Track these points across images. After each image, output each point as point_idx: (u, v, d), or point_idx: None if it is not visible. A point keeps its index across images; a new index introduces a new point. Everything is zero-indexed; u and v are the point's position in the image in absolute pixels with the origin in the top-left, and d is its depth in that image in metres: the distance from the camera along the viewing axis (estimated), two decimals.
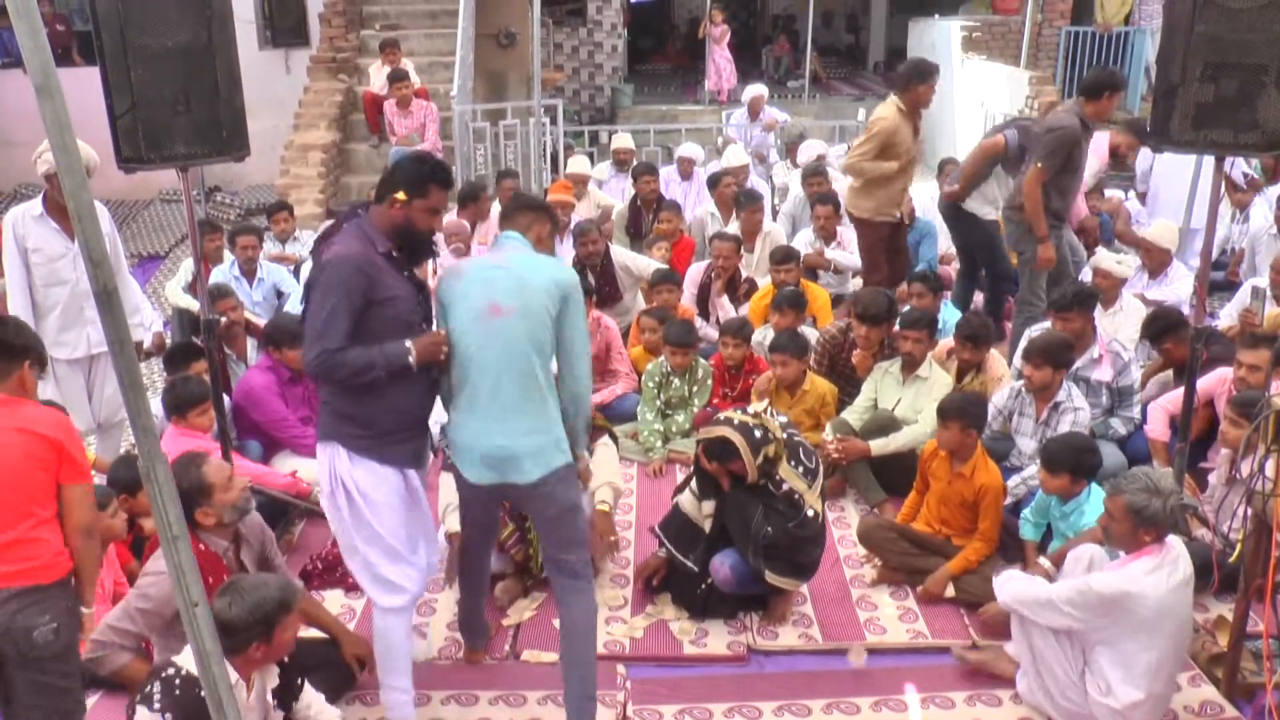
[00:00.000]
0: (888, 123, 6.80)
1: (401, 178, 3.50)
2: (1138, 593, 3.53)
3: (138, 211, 12.36)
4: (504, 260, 3.64)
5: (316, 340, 3.36)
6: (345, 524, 3.59)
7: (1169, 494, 3.56)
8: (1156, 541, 3.61)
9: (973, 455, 4.66)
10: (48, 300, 5.30)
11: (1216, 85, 3.86)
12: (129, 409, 1.77)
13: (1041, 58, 14.30)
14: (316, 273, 3.44)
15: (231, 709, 2.00)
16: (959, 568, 4.56)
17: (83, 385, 5.47)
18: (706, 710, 3.98)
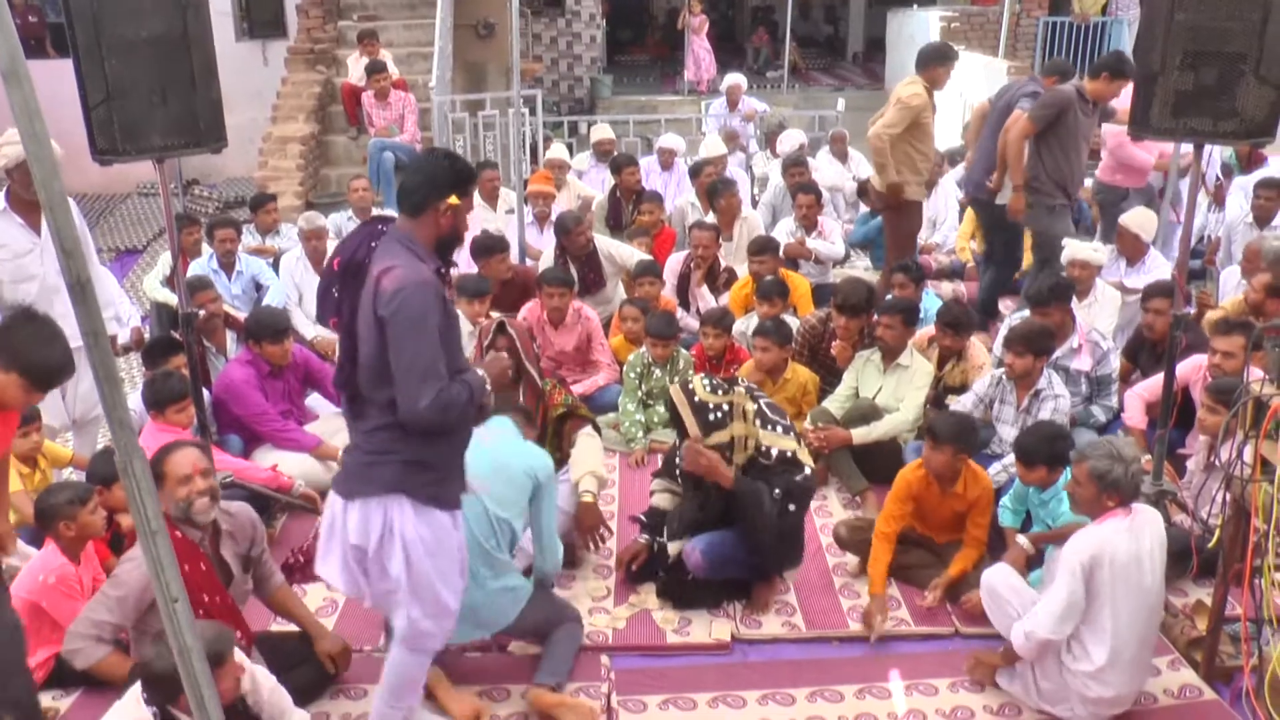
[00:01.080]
0: (920, 99, 6.96)
1: (447, 181, 3.16)
2: (1111, 551, 3.57)
3: (115, 205, 12.27)
4: (487, 442, 3.73)
5: (427, 379, 2.99)
6: (390, 578, 3.25)
7: (1130, 460, 3.66)
8: (1121, 506, 3.67)
9: (962, 473, 4.53)
10: (16, 296, 5.11)
11: (1196, 74, 3.88)
12: (105, 403, 1.75)
13: (1020, 48, 14.34)
14: (390, 304, 2.98)
15: (213, 705, 1.98)
16: (957, 574, 4.49)
17: None
18: (690, 700, 3.98)
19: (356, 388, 3.19)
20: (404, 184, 3.22)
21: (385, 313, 2.99)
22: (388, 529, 3.18)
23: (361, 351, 3.12)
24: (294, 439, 5.49)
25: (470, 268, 7.29)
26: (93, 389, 5.42)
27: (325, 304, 3.26)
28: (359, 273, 3.12)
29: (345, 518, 3.24)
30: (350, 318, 3.17)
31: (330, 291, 3.22)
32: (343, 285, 3.17)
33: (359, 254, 3.14)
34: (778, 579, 4.61)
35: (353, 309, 3.15)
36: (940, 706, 3.94)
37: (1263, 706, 3.61)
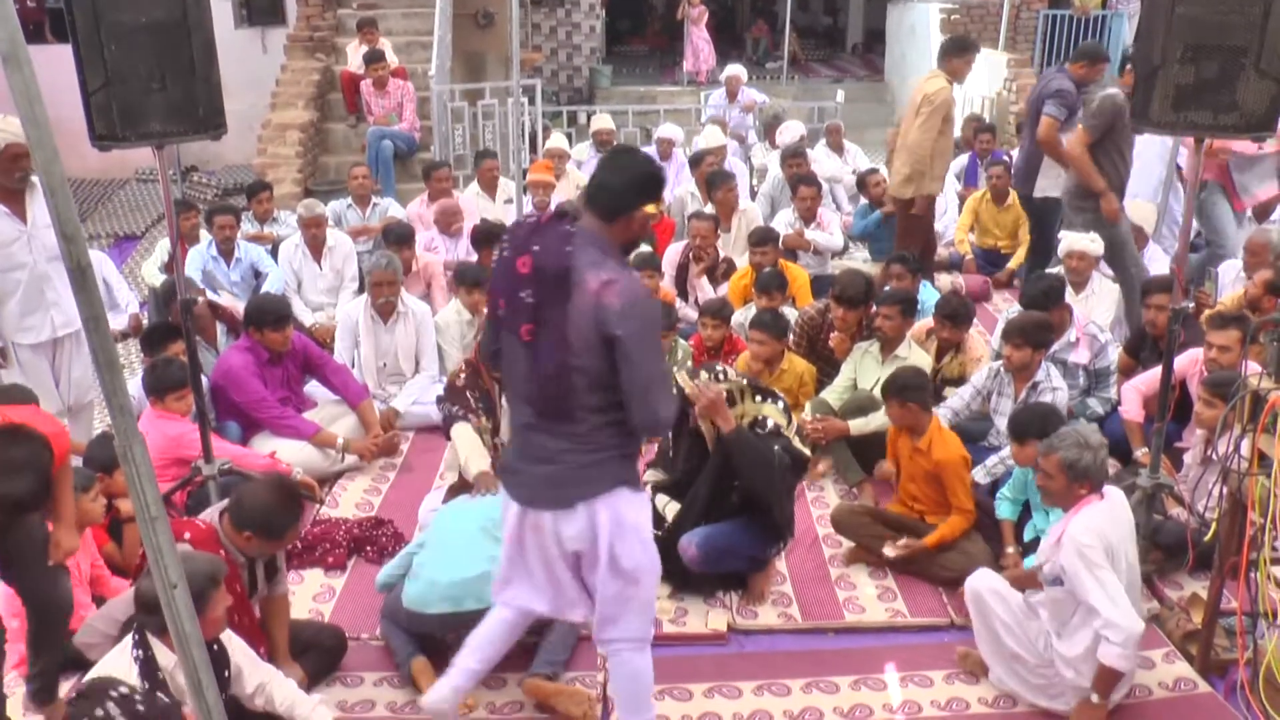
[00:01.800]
0: (947, 93, 6.99)
1: (652, 188, 3.13)
2: (1104, 535, 3.58)
3: (113, 191, 12.23)
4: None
5: (666, 390, 3.12)
6: (624, 572, 3.19)
7: (1098, 447, 3.68)
8: (1093, 492, 3.69)
9: (928, 430, 4.71)
10: (6, 285, 5.06)
11: (1196, 67, 3.85)
12: (104, 388, 1.75)
13: (1020, 41, 14.33)
14: (625, 322, 2.92)
15: (212, 692, 1.99)
16: (934, 542, 4.58)
17: (48, 369, 5.29)
18: (686, 690, 3.99)
19: (558, 396, 3.06)
20: (603, 185, 3.07)
21: (621, 331, 2.92)
22: (616, 524, 3.14)
23: (573, 362, 2.98)
24: (293, 426, 5.49)
25: (470, 256, 7.31)
26: (86, 375, 5.41)
27: (518, 311, 3.01)
28: (562, 280, 2.94)
29: (557, 528, 3.16)
30: (553, 327, 2.98)
31: (520, 297, 3.00)
32: (540, 292, 2.97)
33: (557, 260, 2.94)
34: (774, 569, 4.62)
35: (558, 319, 2.97)
36: (935, 698, 3.95)
37: (1257, 699, 3.64)
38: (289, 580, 4.60)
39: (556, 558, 3.23)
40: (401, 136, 10.27)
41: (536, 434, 3.14)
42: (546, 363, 3.01)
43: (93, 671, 3.08)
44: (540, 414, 3.11)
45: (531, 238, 3.02)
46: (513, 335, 3.07)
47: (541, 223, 3.05)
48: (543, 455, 3.13)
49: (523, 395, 3.15)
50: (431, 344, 6.31)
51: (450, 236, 7.90)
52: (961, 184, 9.84)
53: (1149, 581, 4.55)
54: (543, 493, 3.15)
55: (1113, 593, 3.51)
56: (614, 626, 3.30)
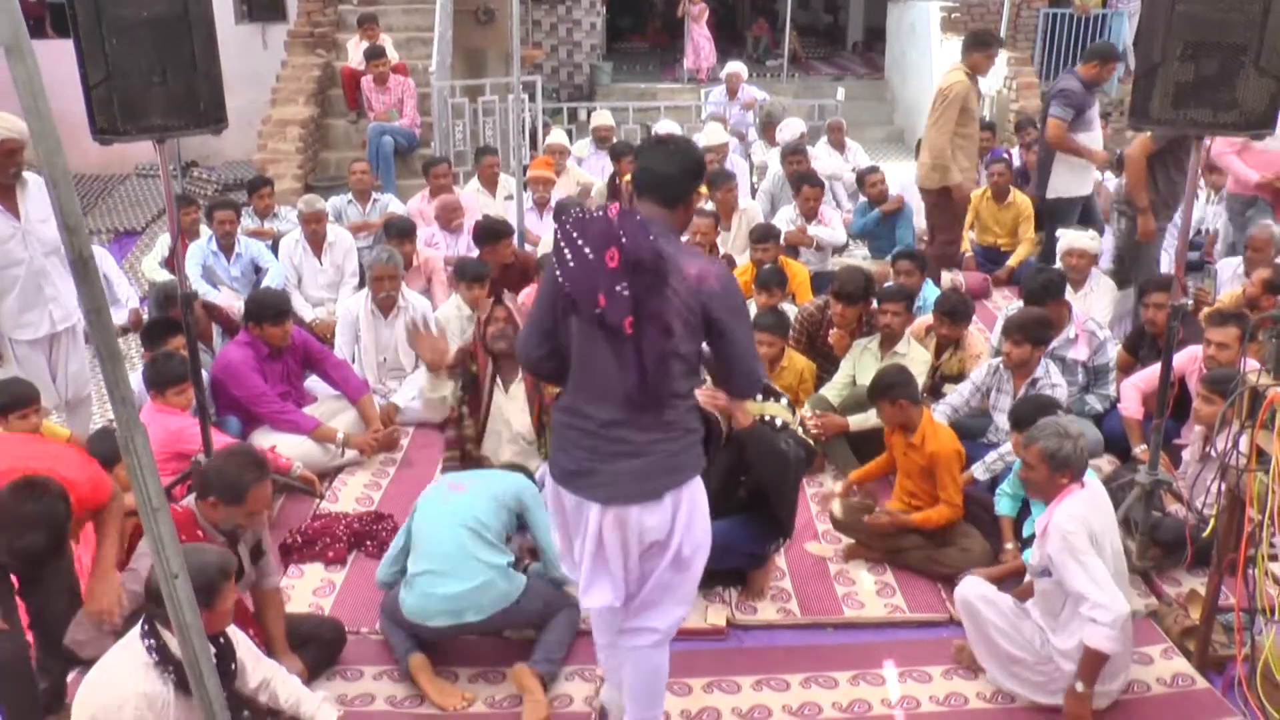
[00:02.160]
0: (962, 86, 7.01)
1: (702, 170, 3.21)
2: (1087, 523, 3.60)
3: (113, 186, 12.24)
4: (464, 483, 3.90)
5: (758, 357, 3.28)
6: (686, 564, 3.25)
7: (1077, 436, 3.71)
8: (1074, 481, 3.71)
9: (920, 425, 4.72)
10: (3, 282, 5.06)
11: (1196, 65, 3.87)
12: (106, 380, 1.75)
13: (1020, 39, 14.33)
14: (728, 301, 3.05)
15: (213, 681, 2.00)
16: (920, 521, 4.64)
17: (45, 365, 5.30)
18: (686, 684, 4.00)
19: (657, 385, 3.05)
20: (661, 173, 3.11)
21: (724, 313, 3.03)
22: (691, 511, 3.18)
23: (674, 349, 3.02)
24: (292, 421, 5.49)
25: (471, 252, 7.31)
26: (83, 369, 5.42)
27: (617, 305, 2.93)
28: (658, 270, 2.94)
29: (641, 521, 3.12)
30: (653, 316, 2.97)
31: (616, 291, 2.94)
32: (636, 283, 2.93)
33: (651, 249, 2.93)
34: (773, 565, 4.63)
35: (658, 307, 2.97)
36: (934, 693, 3.95)
37: (1254, 696, 3.64)
38: (289, 574, 4.66)
39: (634, 551, 3.20)
40: (402, 132, 10.27)
41: (619, 429, 3.09)
42: (649, 353, 2.99)
43: (100, 669, 3.05)
44: (632, 407, 3.07)
45: (609, 231, 2.97)
46: (604, 331, 2.99)
47: (607, 216, 3.00)
48: (627, 450, 3.09)
49: (611, 392, 3.07)
50: None
51: (451, 232, 7.91)
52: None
53: (1147, 578, 4.57)
54: (629, 488, 3.10)
55: (1098, 576, 3.52)
56: (653, 613, 3.30)
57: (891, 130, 15.01)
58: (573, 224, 3.06)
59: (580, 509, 3.18)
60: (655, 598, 3.27)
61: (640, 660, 3.36)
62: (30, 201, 5.03)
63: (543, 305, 3.17)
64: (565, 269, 3.01)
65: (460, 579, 3.87)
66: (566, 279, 3.00)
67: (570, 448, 3.17)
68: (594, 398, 3.12)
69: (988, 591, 3.94)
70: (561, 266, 3.02)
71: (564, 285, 3.01)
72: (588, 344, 3.08)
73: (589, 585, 3.24)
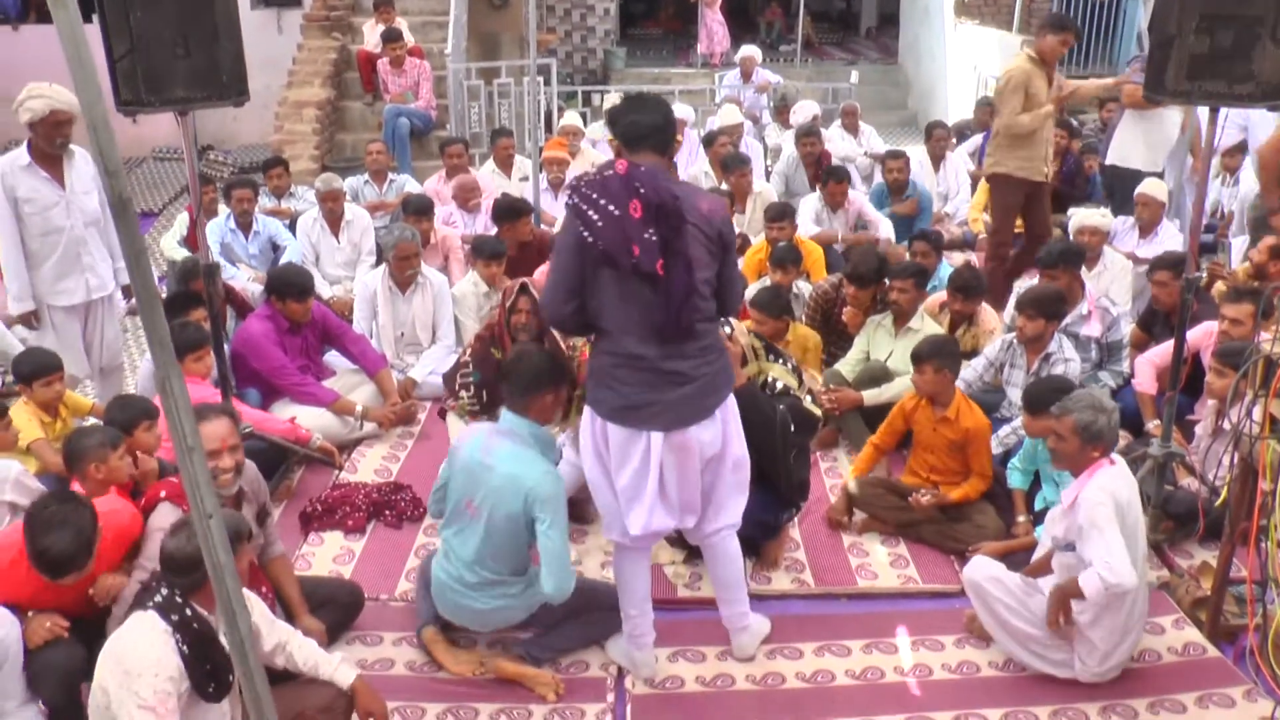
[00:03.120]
0: (1019, 72, 6.67)
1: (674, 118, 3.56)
2: (1115, 496, 3.63)
3: (131, 169, 12.26)
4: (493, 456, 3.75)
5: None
6: (735, 459, 3.71)
7: (1111, 410, 3.75)
8: (1105, 456, 3.74)
9: (954, 399, 4.75)
10: (43, 249, 5.26)
11: (1212, 37, 3.87)
12: (145, 324, 1.80)
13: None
14: (729, 227, 3.45)
15: (245, 622, 2.04)
16: (959, 497, 4.68)
17: (79, 332, 5.48)
18: (700, 652, 4.05)
19: (688, 316, 3.34)
20: (651, 123, 3.38)
21: (730, 236, 3.44)
22: (734, 419, 3.63)
23: (700, 278, 3.34)
24: (311, 393, 5.55)
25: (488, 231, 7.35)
26: (116, 338, 5.55)
27: (648, 251, 3.22)
28: (678, 211, 3.25)
29: (700, 438, 3.49)
30: (679, 254, 3.27)
31: (646, 239, 3.22)
32: (662, 227, 3.24)
33: (669, 194, 3.25)
34: (787, 535, 4.67)
35: (682, 245, 3.27)
36: (946, 661, 4.00)
37: (1266, 664, 3.66)
38: (309, 542, 4.73)
39: (695, 469, 3.56)
40: (418, 114, 10.31)
41: (666, 363, 3.38)
42: (678, 288, 3.28)
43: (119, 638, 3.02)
44: (669, 341, 3.36)
45: (626, 185, 3.24)
46: (638, 276, 3.25)
47: (620, 173, 3.27)
48: (676, 379, 3.40)
49: (647, 332, 3.35)
50: (448, 314, 6.37)
51: (468, 211, 7.96)
52: (976, 164, 9.83)
53: (1159, 550, 4.60)
54: (686, 411, 3.44)
55: (1115, 548, 3.55)
56: (723, 513, 3.74)
57: (905, 114, 14.99)
58: (588, 187, 3.30)
59: (631, 442, 3.46)
60: (724, 498, 3.72)
61: (727, 551, 3.83)
62: (75, 173, 5.25)
63: (567, 264, 3.38)
64: (595, 229, 3.23)
65: (483, 601, 3.85)
66: (599, 238, 3.23)
67: (620, 385, 3.42)
68: (639, 338, 3.37)
69: (995, 571, 3.98)
70: (590, 228, 3.24)
71: (597, 244, 3.22)
72: (621, 291, 3.33)
73: (637, 512, 3.54)
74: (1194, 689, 3.80)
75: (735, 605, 3.97)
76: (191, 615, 3.02)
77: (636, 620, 3.85)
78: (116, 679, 2.92)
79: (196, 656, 2.99)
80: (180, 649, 2.96)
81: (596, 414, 3.51)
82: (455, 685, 3.88)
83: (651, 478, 3.48)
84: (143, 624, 3.00)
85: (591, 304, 3.40)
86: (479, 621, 3.94)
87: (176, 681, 2.93)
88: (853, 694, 3.86)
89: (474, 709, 3.77)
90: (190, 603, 3.05)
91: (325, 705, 3.38)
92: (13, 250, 5.24)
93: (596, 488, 3.67)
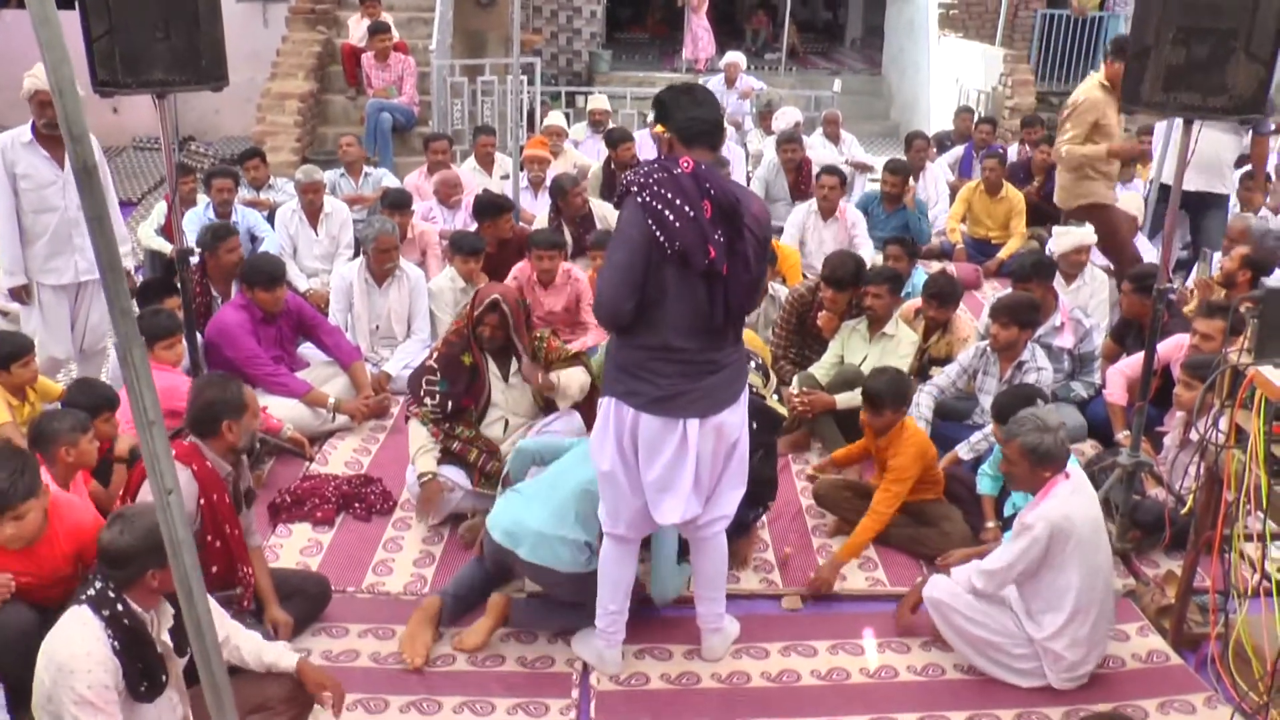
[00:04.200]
0: (1089, 101, 6.49)
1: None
2: (1074, 520, 3.65)
3: (111, 158, 12.15)
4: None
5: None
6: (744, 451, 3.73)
7: (1057, 428, 3.74)
8: (1057, 473, 3.75)
9: (889, 433, 4.65)
10: (36, 226, 5.32)
11: (1188, 48, 3.91)
12: (107, 292, 1.78)
13: (1017, 39, 14.41)
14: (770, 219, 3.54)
15: (202, 600, 2.03)
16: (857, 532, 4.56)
17: (67, 313, 5.53)
18: (666, 650, 4.04)
19: (740, 313, 3.44)
20: (711, 120, 3.40)
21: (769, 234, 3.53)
22: (746, 406, 3.64)
23: (754, 275, 3.40)
24: (284, 384, 5.52)
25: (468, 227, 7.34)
26: (104, 320, 5.56)
27: (721, 251, 3.26)
28: (738, 212, 3.29)
29: (729, 422, 3.52)
30: (739, 254, 3.31)
31: (718, 240, 3.26)
32: (728, 229, 3.29)
33: (732, 195, 3.29)
34: (756, 535, 4.67)
35: (741, 245, 3.31)
36: (912, 663, 4.01)
37: (1227, 672, 3.69)
38: (277, 534, 4.70)
39: (722, 453, 3.58)
40: (400, 110, 10.29)
41: (707, 354, 3.42)
42: (737, 287, 3.34)
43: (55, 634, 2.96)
44: (715, 334, 3.41)
45: (697, 185, 3.24)
46: (703, 275, 3.28)
47: (688, 172, 3.25)
48: (710, 368, 3.44)
49: (693, 327, 3.37)
50: (424, 308, 6.35)
51: (449, 208, 7.94)
52: (955, 174, 9.90)
53: (1126, 558, 4.63)
54: (719, 397, 3.47)
55: (996, 562, 3.74)
56: (720, 504, 3.70)
57: (887, 125, 15.06)
58: (660, 185, 3.26)
59: (666, 431, 3.45)
60: (726, 488, 3.69)
61: (718, 547, 3.82)
62: None
63: (633, 261, 3.30)
64: (671, 230, 3.22)
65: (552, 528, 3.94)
66: (677, 238, 3.22)
67: (656, 378, 3.41)
68: (685, 334, 3.38)
69: (950, 585, 3.98)
70: (664, 228, 3.22)
71: (674, 243, 3.23)
72: (679, 289, 3.32)
73: (671, 502, 3.53)
74: (1156, 695, 3.82)
75: (714, 605, 3.94)
76: (123, 611, 2.96)
77: (614, 616, 3.82)
78: (50, 675, 2.88)
79: (128, 654, 2.94)
80: (112, 644, 2.92)
81: (629, 406, 3.45)
82: (419, 678, 3.86)
83: (689, 466, 3.47)
84: (75, 619, 2.95)
85: (644, 300, 3.34)
86: (531, 544, 3.94)
87: (113, 675, 2.89)
88: (818, 694, 3.85)
89: (437, 702, 3.74)
90: (124, 597, 2.99)
91: (288, 696, 3.35)
92: (6, 224, 5.29)
93: (611, 480, 3.60)
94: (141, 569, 2.95)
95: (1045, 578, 3.72)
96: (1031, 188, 8.99)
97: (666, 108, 3.41)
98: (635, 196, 3.27)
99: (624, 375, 3.46)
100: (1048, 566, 3.70)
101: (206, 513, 3.67)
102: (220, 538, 3.71)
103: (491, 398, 4.91)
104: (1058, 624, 3.70)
